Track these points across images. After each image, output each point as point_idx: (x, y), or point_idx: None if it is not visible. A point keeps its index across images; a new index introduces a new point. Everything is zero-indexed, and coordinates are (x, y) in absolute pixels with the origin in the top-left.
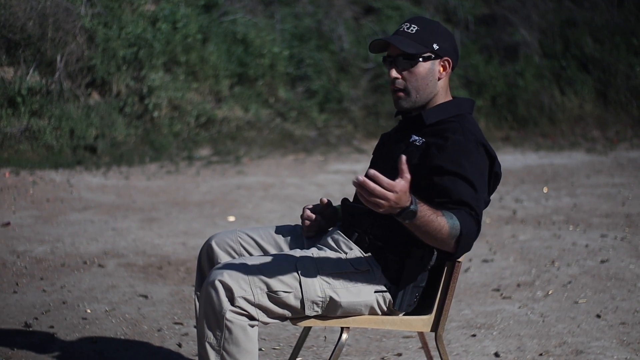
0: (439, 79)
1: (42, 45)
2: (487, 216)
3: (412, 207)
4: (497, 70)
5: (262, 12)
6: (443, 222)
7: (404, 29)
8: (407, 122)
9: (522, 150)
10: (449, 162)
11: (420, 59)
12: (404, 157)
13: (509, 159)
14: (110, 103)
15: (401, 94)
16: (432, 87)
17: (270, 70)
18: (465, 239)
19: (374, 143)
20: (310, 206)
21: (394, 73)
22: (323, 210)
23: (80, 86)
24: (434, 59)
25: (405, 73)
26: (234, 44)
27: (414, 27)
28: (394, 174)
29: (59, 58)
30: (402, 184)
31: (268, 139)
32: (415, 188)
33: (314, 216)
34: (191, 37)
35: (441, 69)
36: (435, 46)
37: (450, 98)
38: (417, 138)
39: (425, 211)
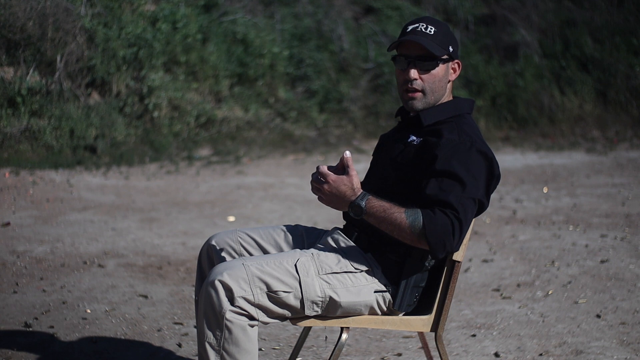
0: (449, 81)
1: (42, 45)
2: (487, 216)
3: (357, 201)
4: (497, 70)
5: (262, 12)
6: (401, 218)
7: (421, 29)
8: (406, 122)
9: (522, 150)
10: (439, 161)
11: (440, 62)
12: (347, 153)
13: (509, 159)
14: (110, 103)
15: (418, 94)
16: (444, 89)
17: (270, 70)
18: (433, 235)
19: (374, 143)
20: (325, 167)
21: (414, 74)
22: (337, 172)
23: (80, 86)
24: (448, 61)
25: (423, 74)
26: (234, 44)
27: (431, 28)
28: (393, 174)
29: (59, 58)
30: (340, 177)
31: (268, 139)
32: (414, 186)
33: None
34: (191, 37)
35: (452, 71)
36: (451, 48)
37: (451, 98)
38: (414, 138)
39: (377, 207)
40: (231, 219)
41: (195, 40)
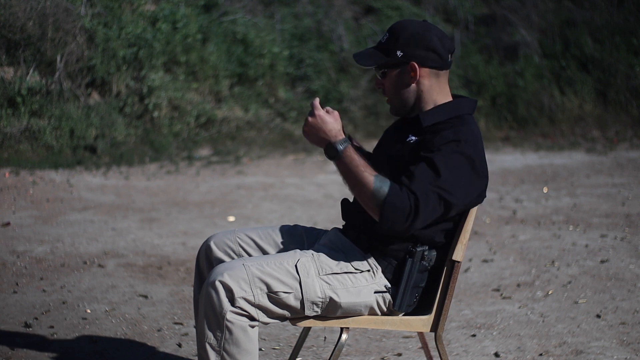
0: (411, 84)
1: (42, 45)
2: (487, 216)
3: (336, 143)
4: (497, 70)
5: (262, 12)
6: (370, 180)
7: (381, 38)
8: (407, 122)
9: (522, 150)
10: (425, 150)
11: (386, 69)
12: (316, 100)
13: (509, 159)
14: (110, 103)
15: (388, 100)
16: (407, 93)
17: (270, 70)
18: (389, 209)
19: (374, 143)
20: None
21: (377, 82)
22: None
23: (80, 86)
24: (399, 65)
25: (383, 81)
26: (234, 44)
27: (386, 36)
28: (390, 171)
29: (59, 58)
30: (329, 114)
31: (268, 139)
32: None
33: None
34: (191, 37)
35: (411, 73)
36: (399, 53)
37: (450, 98)
38: (413, 137)
39: (353, 159)
40: (231, 219)
41: (195, 40)
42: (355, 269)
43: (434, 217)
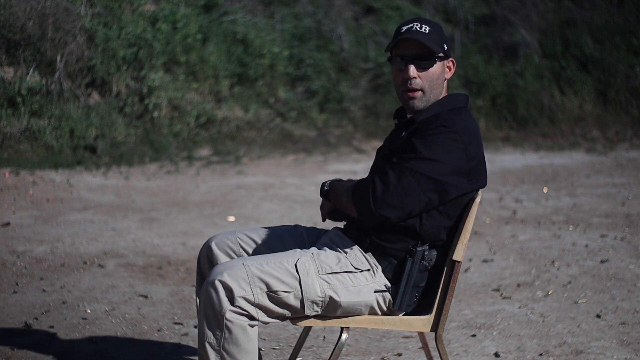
0: (445, 79)
1: (42, 45)
2: (487, 216)
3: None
4: (497, 70)
5: (262, 12)
6: (347, 189)
7: (416, 28)
8: (403, 123)
9: (522, 150)
10: (412, 136)
11: (437, 59)
12: None
13: (509, 159)
14: (110, 103)
15: (418, 93)
16: (441, 87)
17: (270, 70)
18: (355, 194)
19: (374, 143)
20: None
21: (413, 72)
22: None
23: (80, 86)
24: (444, 59)
25: (422, 72)
26: (234, 44)
27: (426, 27)
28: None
29: (59, 58)
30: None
31: (268, 139)
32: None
33: None
34: (191, 37)
35: (447, 69)
36: (445, 47)
37: (445, 94)
38: (405, 133)
39: (335, 190)
40: (231, 219)
41: (195, 40)
42: (355, 268)
43: (415, 192)
